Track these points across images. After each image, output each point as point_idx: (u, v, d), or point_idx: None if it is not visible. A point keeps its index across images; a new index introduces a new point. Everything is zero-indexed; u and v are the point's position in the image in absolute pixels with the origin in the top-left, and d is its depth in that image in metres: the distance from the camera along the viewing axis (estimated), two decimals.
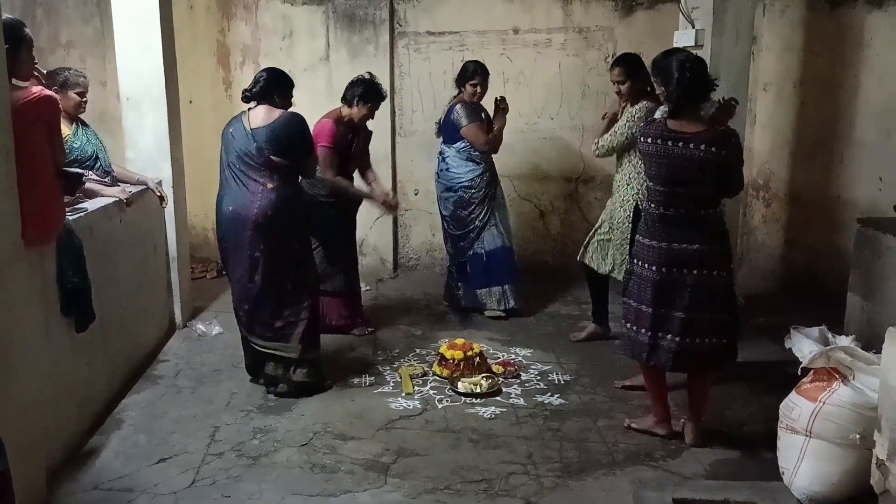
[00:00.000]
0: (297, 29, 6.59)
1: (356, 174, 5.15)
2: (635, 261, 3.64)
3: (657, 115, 3.92)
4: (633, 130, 4.27)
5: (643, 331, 3.58)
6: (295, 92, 6.69)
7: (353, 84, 4.91)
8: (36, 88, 3.20)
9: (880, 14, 5.26)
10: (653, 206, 3.55)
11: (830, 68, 5.72)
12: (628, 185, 4.54)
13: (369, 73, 5.01)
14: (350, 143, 4.97)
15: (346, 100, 4.92)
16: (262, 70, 4.38)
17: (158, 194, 4.85)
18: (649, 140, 3.48)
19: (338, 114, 4.94)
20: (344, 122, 4.92)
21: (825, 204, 5.83)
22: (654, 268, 3.53)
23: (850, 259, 4.77)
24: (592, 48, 6.41)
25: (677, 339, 3.52)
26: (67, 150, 3.96)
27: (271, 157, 4.07)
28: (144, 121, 5.04)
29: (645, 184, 3.68)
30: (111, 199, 4.19)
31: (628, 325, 3.67)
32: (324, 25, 6.53)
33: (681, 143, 3.40)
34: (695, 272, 3.48)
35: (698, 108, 3.48)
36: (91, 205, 4.00)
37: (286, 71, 4.45)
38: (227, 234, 4.21)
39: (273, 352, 4.17)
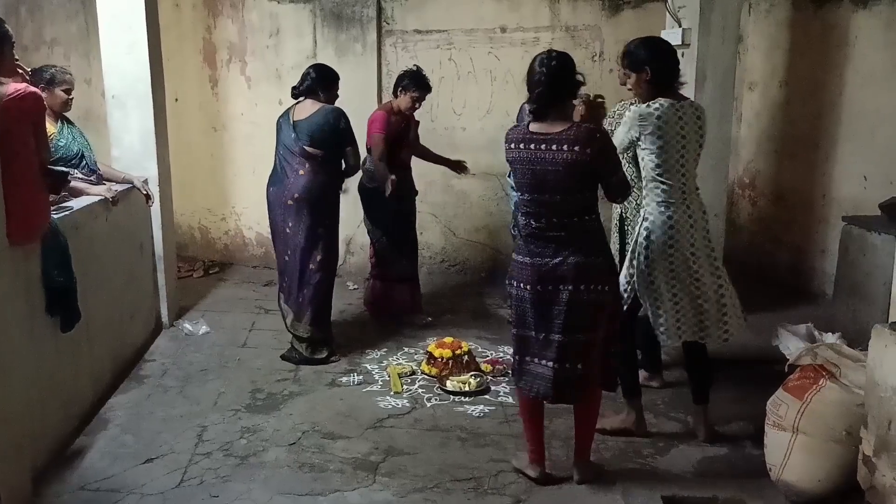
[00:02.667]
0: (284, 27, 6.56)
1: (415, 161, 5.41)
2: (511, 282, 3.25)
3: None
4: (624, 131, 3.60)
5: (526, 358, 3.25)
6: (281, 90, 6.73)
7: (400, 76, 5.15)
8: (20, 85, 3.16)
9: (865, 14, 5.30)
10: (523, 218, 3.18)
11: (815, 67, 5.76)
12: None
13: (416, 65, 5.22)
14: (404, 132, 5.18)
15: (395, 91, 5.15)
16: (310, 67, 4.75)
17: (144, 193, 4.82)
18: (511, 146, 3.14)
19: (390, 105, 5.17)
20: (395, 112, 5.11)
21: (810, 202, 5.87)
22: (528, 287, 3.15)
23: (835, 257, 4.81)
24: (580, 47, 6.41)
25: (556, 365, 3.15)
26: (53, 149, 3.92)
27: (305, 147, 4.48)
28: (130, 119, 5.01)
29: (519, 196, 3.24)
30: (97, 198, 4.16)
31: (514, 356, 3.33)
32: (311, 23, 6.50)
33: (543, 146, 3.03)
34: (570, 288, 3.09)
35: (565, 109, 3.11)
36: (76, 203, 3.97)
37: (274, 69, 4.42)
38: (270, 213, 4.68)
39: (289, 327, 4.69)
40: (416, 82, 5.05)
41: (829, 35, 5.62)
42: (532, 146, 3.06)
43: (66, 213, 3.76)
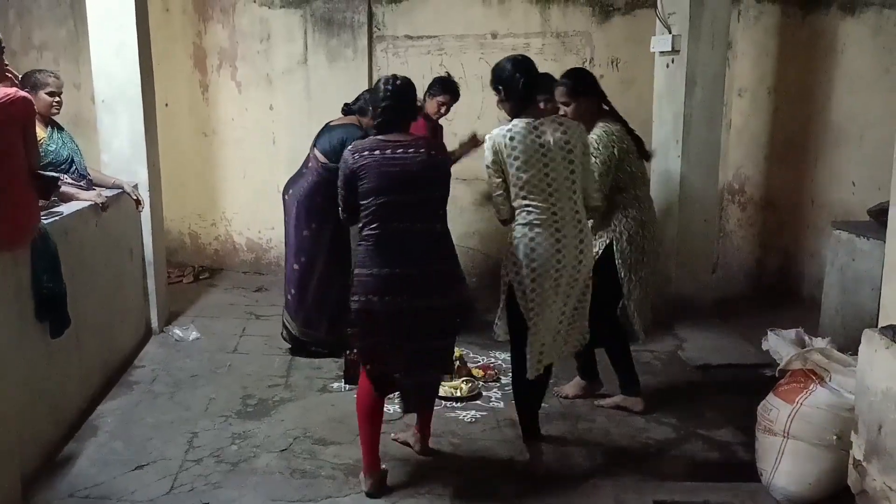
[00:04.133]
0: (275, 32, 6.55)
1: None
2: (354, 297, 3.15)
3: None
4: (609, 155, 3.77)
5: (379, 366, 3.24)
6: (272, 95, 6.72)
7: (431, 82, 5.16)
8: (10, 89, 3.14)
9: (852, 21, 5.33)
10: (370, 227, 3.13)
11: (804, 74, 5.79)
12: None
13: (447, 72, 5.25)
14: (434, 136, 5.14)
15: (423, 96, 5.11)
16: (366, 91, 4.86)
17: (134, 198, 4.79)
18: (357, 155, 3.13)
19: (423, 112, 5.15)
20: (426, 117, 5.10)
21: (799, 208, 5.90)
22: (375, 297, 3.11)
23: (824, 262, 4.83)
24: (570, 53, 6.43)
25: (406, 374, 3.21)
26: (42, 154, 3.91)
27: (316, 149, 4.68)
28: (119, 124, 4.99)
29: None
30: (87, 203, 4.14)
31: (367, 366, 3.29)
32: (301, 29, 6.50)
33: (390, 151, 3.12)
34: (420, 297, 3.11)
35: (408, 126, 3.27)
36: (66, 209, 3.95)
37: (265, 74, 4.46)
38: (285, 216, 4.90)
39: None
40: (443, 87, 5.03)
41: (817, 42, 5.66)
42: (389, 151, 3.13)
43: (56, 218, 3.74)
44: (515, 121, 3.31)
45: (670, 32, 5.18)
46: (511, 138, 3.25)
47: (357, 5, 6.39)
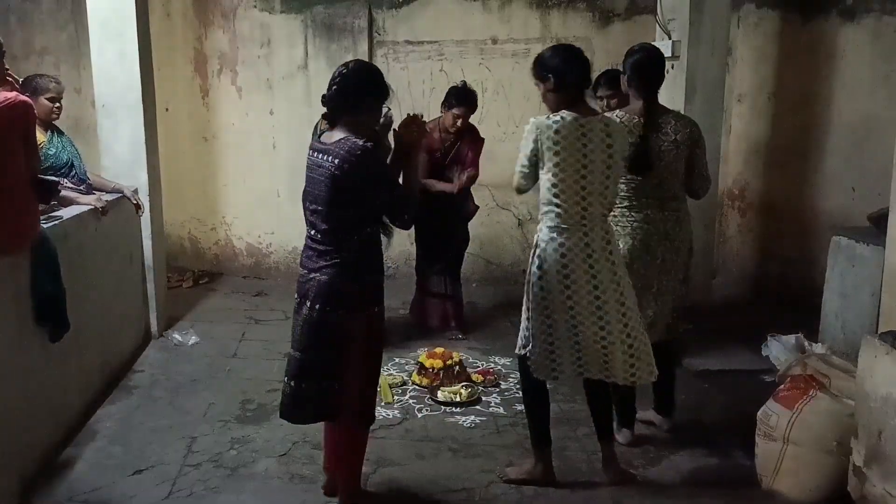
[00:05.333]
0: (276, 37, 6.56)
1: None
2: (376, 308, 3.09)
3: None
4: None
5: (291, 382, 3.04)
6: (272, 100, 6.73)
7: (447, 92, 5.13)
8: (10, 94, 3.15)
9: (852, 26, 5.34)
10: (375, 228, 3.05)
11: (804, 80, 5.80)
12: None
13: (463, 80, 5.23)
14: (448, 148, 5.15)
15: (441, 107, 5.14)
16: None
17: (134, 202, 4.80)
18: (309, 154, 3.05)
19: (436, 122, 5.14)
20: (441, 128, 5.10)
21: (799, 213, 5.91)
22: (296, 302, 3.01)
23: (824, 268, 4.83)
24: None
25: (292, 383, 3.00)
26: (42, 158, 3.91)
27: None
28: (120, 128, 5.00)
29: None
30: (86, 208, 4.14)
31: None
32: (302, 34, 6.51)
33: (317, 155, 2.94)
34: (317, 306, 2.92)
35: (355, 121, 2.94)
36: (66, 213, 3.95)
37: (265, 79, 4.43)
38: None
39: None
40: (458, 98, 4.98)
41: (816, 47, 5.67)
42: (315, 154, 2.95)
43: (56, 222, 3.74)
44: (563, 112, 3.11)
45: (670, 38, 5.18)
46: (557, 131, 3.06)
47: (358, 10, 6.41)
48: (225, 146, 6.75)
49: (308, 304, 2.93)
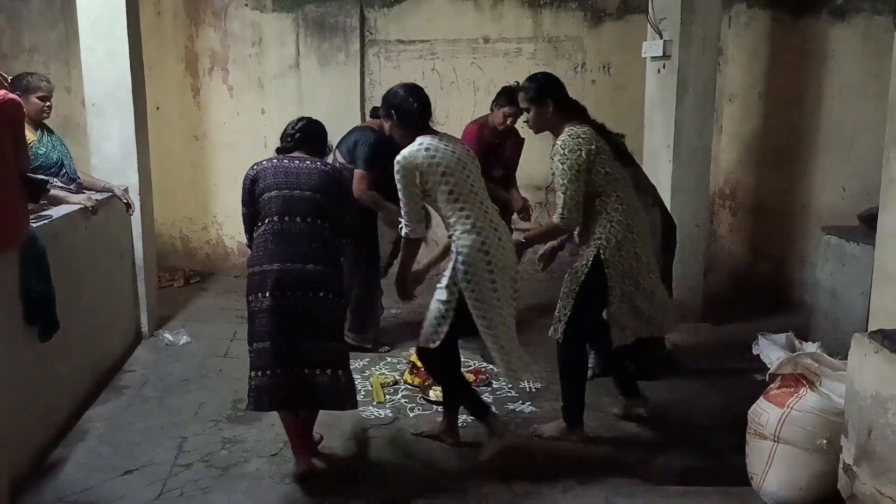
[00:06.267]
0: (267, 36, 6.55)
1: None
2: (248, 297, 3.30)
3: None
4: (576, 159, 3.45)
5: (267, 372, 3.24)
6: (263, 99, 6.71)
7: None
8: (0, 92, 3.14)
9: (843, 26, 5.36)
10: (267, 225, 3.29)
11: (794, 79, 5.82)
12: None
13: (516, 81, 5.06)
14: (495, 147, 5.14)
15: (491, 105, 5.12)
16: None
17: (125, 202, 4.78)
18: (256, 166, 3.39)
19: (484, 119, 5.13)
20: (489, 127, 5.08)
21: (790, 213, 5.93)
22: (267, 294, 3.22)
23: (814, 266, 4.85)
24: (562, 58, 6.46)
25: (295, 370, 3.25)
26: (32, 157, 3.90)
27: (336, 152, 4.74)
28: (110, 127, 4.97)
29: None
30: (76, 207, 4.12)
31: (252, 372, 3.30)
32: (293, 33, 6.50)
33: (287, 161, 3.38)
34: (310, 294, 3.24)
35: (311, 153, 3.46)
36: (56, 212, 3.93)
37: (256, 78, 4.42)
38: None
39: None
40: (509, 98, 4.93)
41: (807, 47, 5.69)
42: (285, 161, 3.37)
43: (46, 221, 3.72)
44: (420, 138, 3.38)
45: (661, 38, 5.19)
46: (433, 155, 3.32)
47: (349, 9, 6.40)
48: (216, 145, 6.73)
49: (308, 293, 3.27)
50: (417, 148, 3.33)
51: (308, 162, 3.37)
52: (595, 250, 3.54)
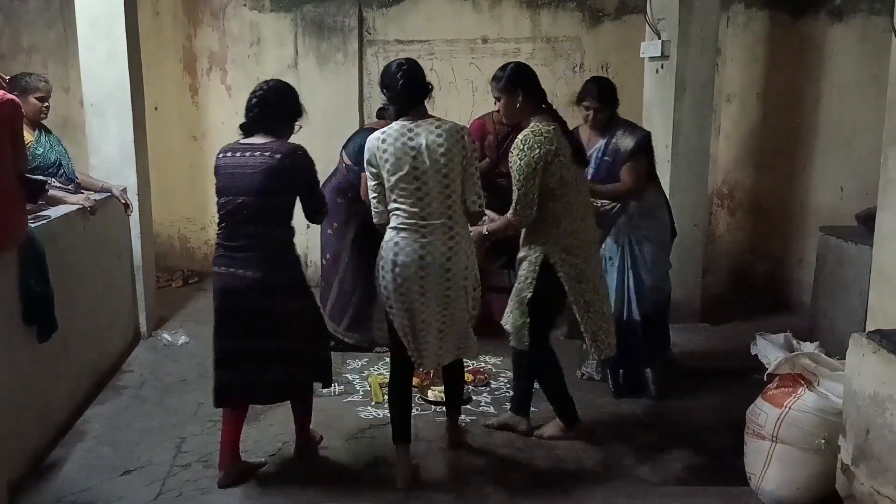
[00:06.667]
0: (265, 36, 6.55)
1: None
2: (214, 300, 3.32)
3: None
4: (534, 157, 3.40)
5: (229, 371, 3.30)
6: None
7: None
8: None
9: (841, 26, 5.37)
10: (220, 228, 3.34)
11: (792, 80, 5.82)
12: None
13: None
14: (502, 139, 5.09)
15: None
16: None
17: (123, 202, 4.78)
18: (219, 154, 3.35)
19: (489, 114, 5.16)
20: (494, 121, 5.09)
21: (788, 213, 5.93)
22: (218, 297, 3.31)
23: (812, 267, 4.85)
24: (560, 58, 6.46)
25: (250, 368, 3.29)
26: (30, 157, 3.89)
27: (343, 153, 4.92)
28: (108, 127, 4.97)
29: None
30: (75, 207, 4.12)
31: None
32: (292, 33, 6.50)
33: (239, 153, 3.28)
34: (253, 302, 3.25)
35: (272, 130, 3.30)
36: (54, 212, 3.93)
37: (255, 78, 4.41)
38: None
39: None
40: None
41: (805, 47, 5.69)
42: (238, 154, 3.29)
43: (44, 222, 3.72)
44: (393, 123, 3.27)
45: (660, 38, 5.20)
46: (383, 140, 3.21)
47: (348, 9, 6.40)
48: (214, 145, 6.63)
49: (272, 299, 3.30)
50: (378, 133, 3.26)
51: (257, 154, 3.22)
52: (542, 255, 3.53)
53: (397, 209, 3.22)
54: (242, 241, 3.25)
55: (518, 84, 3.53)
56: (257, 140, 3.29)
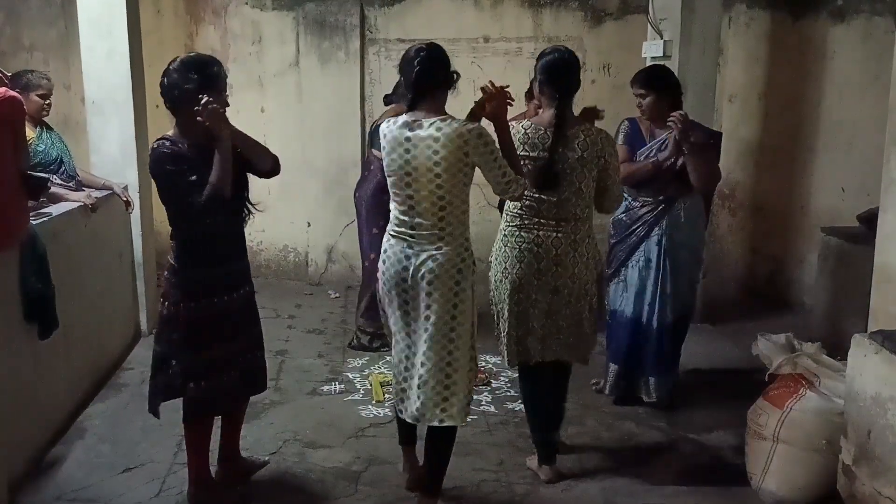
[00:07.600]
0: (267, 34, 6.54)
1: None
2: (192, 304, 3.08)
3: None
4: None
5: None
6: (263, 98, 6.70)
7: None
8: (0, 89, 3.13)
9: (842, 27, 5.37)
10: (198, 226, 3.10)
11: (794, 80, 5.82)
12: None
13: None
14: None
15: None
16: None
17: (124, 199, 4.77)
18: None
19: (521, 115, 4.98)
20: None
21: (789, 213, 5.93)
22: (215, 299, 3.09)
23: (814, 267, 4.85)
24: None
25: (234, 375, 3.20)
26: (31, 154, 3.89)
27: (373, 151, 4.82)
28: (109, 125, 4.97)
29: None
30: (76, 205, 4.12)
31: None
32: (293, 31, 6.49)
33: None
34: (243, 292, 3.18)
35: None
36: (55, 210, 3.93)
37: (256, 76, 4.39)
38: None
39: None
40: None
41: (807, 48, 5.69)
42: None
43: (45, 219, 3.72)
44: (398, 117, 3.02)
45: (661, 38, 5.19)
46: (384, 135, 3.00)
47: (349, 8, 6.39)
48: None
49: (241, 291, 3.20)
50: (384, 125, 3.06)
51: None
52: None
53: (392, 212, 3.06)
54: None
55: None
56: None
